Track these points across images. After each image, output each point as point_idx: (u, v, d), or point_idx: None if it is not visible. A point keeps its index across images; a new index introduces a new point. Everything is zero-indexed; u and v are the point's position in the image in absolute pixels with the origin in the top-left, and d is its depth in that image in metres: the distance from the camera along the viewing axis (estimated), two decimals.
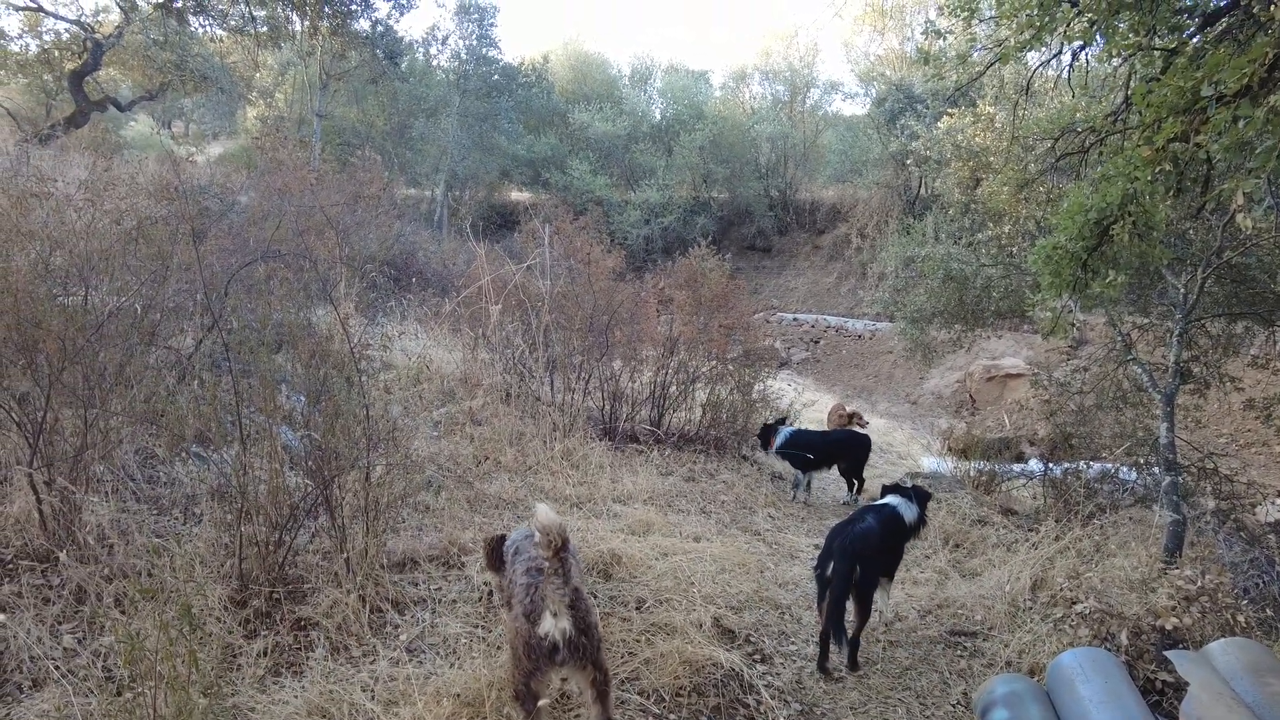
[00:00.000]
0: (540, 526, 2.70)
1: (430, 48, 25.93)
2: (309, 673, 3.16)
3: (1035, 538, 5.45)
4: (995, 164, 8.17)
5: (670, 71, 32.99)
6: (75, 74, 18.52)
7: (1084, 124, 5.82)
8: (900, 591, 5.09)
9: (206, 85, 20.47)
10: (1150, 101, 3.75)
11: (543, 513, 2.72)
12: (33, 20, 18.97)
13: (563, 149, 27.82)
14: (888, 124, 23.01)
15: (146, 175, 7.19)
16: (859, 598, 4.01)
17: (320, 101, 23.25)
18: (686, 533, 5.52)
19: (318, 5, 16.02)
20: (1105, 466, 7.03)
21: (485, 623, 3.80)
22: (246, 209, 8.72)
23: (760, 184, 27.76)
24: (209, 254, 5.51)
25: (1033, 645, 4.06)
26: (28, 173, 5.49)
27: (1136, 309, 7.36)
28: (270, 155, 9.54)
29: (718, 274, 8.40)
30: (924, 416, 15.56)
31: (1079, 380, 8.08)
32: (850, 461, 8.07)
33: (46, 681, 2.92)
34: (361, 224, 9.49)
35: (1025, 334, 16.45)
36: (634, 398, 7.97)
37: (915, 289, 10.10)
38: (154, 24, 17.94)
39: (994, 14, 5.15)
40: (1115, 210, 4.03)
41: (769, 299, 24.40)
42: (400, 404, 6.53)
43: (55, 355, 3.65)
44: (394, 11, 20.45)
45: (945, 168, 13.55)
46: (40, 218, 4.51)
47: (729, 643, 3.94)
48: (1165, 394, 5.71)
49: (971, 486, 8.09)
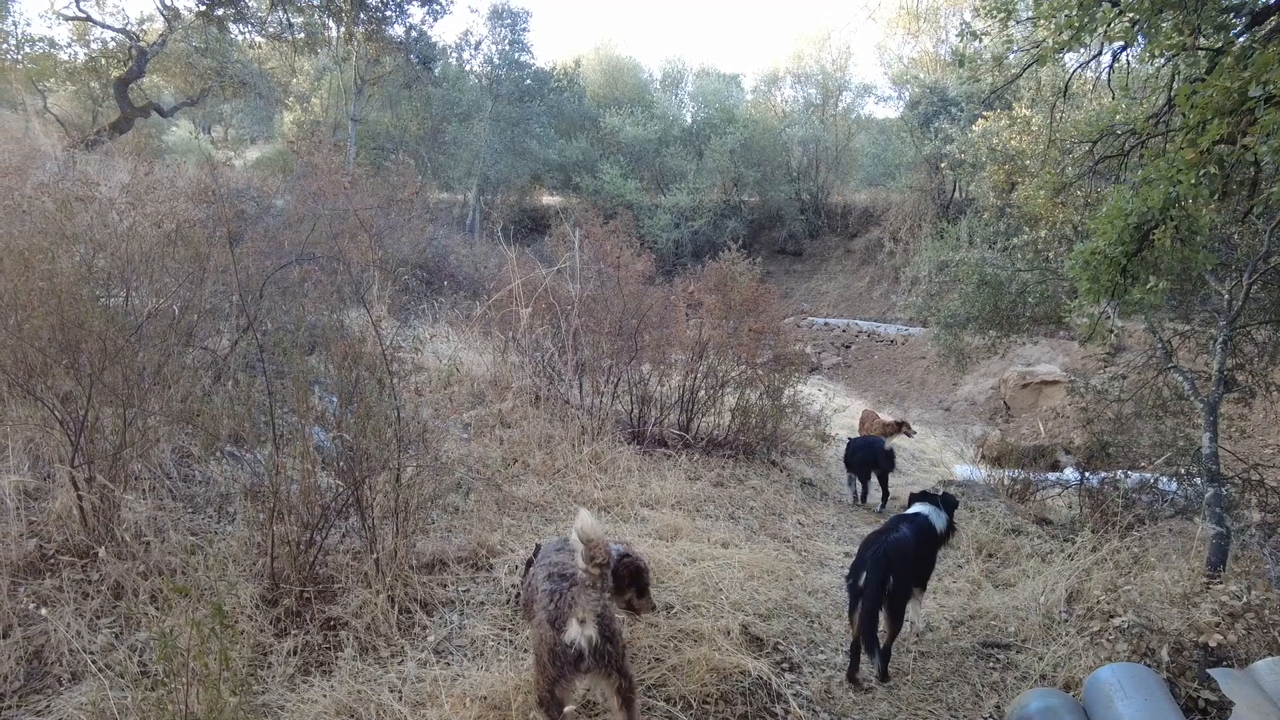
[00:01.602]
0: (583, 537, 2.69)
1: (463, 53, 26.26)
2: (338, 672, 3.19)
3: (1071, 548, 5.34)
4: (1031, 167, 8.05)
5: (702, 75, 32.99)
6: (121, 81, 19.01)
7: (1124, 126, 5.70)
8: (932, 601, 5.01)
9: (245, 91, 20.89)
10: (1195, 103, 3.66)
11: (585, 522, 2.70)
12: (81, 30, 19.52)
13: (593, 153, 27.92)
14: (921, 127, 22.75)
15: (186, 179, 7.34)
16: (891, 608, 3.95)
17: (355, 106, 23.59)
18: (715, 539, 5.48)
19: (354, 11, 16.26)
20: (1144, 476, 6.87)
21: (512, 625, 3.80)
22: (282, 212, 8.86)
23: (791, 187, 27.60)
24: (245, 256, 5.60)
25: (1068, 659, 3.97)
26: (74, 177, 5.62)
27: (1178, 315, 7.18)
28: (306, 159, 9.65)
29: (748, 278, 8.35)
30: (957, 423, 15.33)
31: (1117, 388, 7.90)
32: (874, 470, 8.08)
33: (85, 675, 2.98)
34: (395, 227, 9.58)
35: (1061, 340, 16.14)
36: (662, 402, 7.96)
37: (949, 294, 9.96)
38: (196, 31, 18.36)
39: (1031, 15, 5.07)
40: (1157, 214, 3.94)
41: (799, 303, 24.23)
42: (431, 406, 6.58)
43: (97, 355, 3.74)
44: (428, 17, 20.70)
45: (980, 171, 13.34)
46: (85, 221, 4.62)
47: (757, 650, 3.91)
48: (1208, 403, 5.56)
49: (1005, 495, 7.95)
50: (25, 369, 3.87)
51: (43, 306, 3.78)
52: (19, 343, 3.82)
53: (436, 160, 25.12)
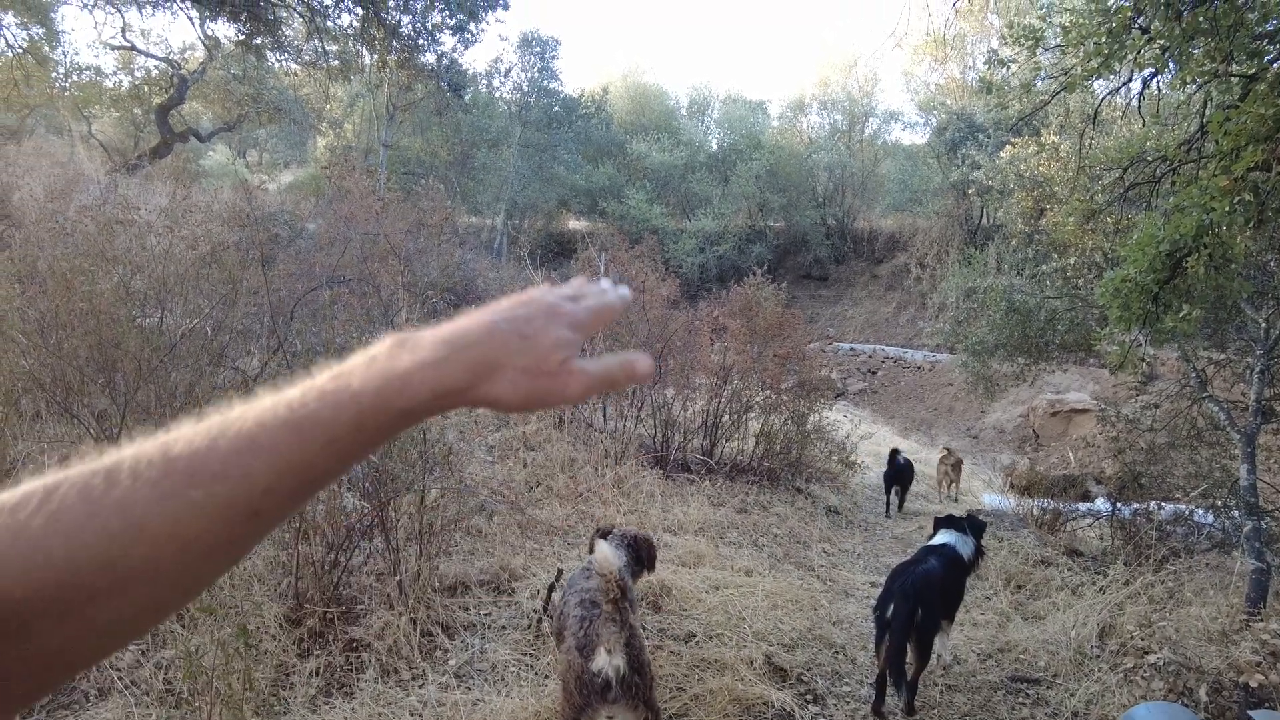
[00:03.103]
0: (598, 570, 2.68)
1: (493, 80, 26.66)
2: (359, 694, 3.19)
3: (1103, 581, 5.22)
4: (1060, 194, 7.98)
5: (728, 102, 33.25)
6: (162, 107, 19.60)
7: (1155, 153, 5.65)
8: (960, 633, 4.91)
9: (280, 116, 21.45)
10: (1228, 129, 3.62)
11: (601, 557, 2.69)
12: (126, 58, 20.20)
13: (620, 178, 28.18)
14: (948, 153, 22.71)
15: (221, 203, 7.51)
16: (919, 641, 3.87)
17: (387, 132, 24.05)
18: (738, 566, 5.43)
19: (387, 40, 16.61)
20: (1179, 508, 6.71)
21: (534, 650, 3.79)
22: (314, 235, 9.03)
23: (817, 212, 27.62)
24: (277, 279, 5.71)
25: (1101, 696, 3.87)
26: (115, 201, 5.78)
27: (1212, 344, 7.05)
28: (338, 184, 9.86)
29: (773, 302, 8.33)
30: (985, 451, 15.12)
31: (1149, 417, 7.75)
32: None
33: (111, 691, 3.01)
34: (424, 251, 9.72)
35: (1091, 368, 15.89)
36: (686, 426, 7.93)
37: (977, 320, 9.88)
38: (235, 59, 18.89)
39: (1059, 42, 5.06)
40: (1190, 241, 3.89)
41: (825, 328, 24.13)
42: (456, 428, 6.62)
43: (132, 374, 3.82)
44: (459, 45, 21.06)
45: (1008, 197, 13.28)
46: (124, 243, 4.74)
47: (780, 681, 3.85)
48: (1245, 433, 5.44)
49: (1035, 525, 7.80)
50: (63, 387, 3.96)
51: (82, 326, 3.88)
52: (58, 361, 3.91)
53: (466, 185, 25.50)
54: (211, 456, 0.47)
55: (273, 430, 0.49)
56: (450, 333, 0.54)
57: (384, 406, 0.51)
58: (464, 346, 0.53)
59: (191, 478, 0.47)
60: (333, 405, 0.50)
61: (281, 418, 0.49)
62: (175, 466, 0.47)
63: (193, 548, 0.47)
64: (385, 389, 0.51)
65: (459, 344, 0.53)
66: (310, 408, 0.50)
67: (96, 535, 0.44)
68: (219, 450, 0.48)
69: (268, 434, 0.49)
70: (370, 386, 0.51)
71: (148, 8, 16.32)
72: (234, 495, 0.47)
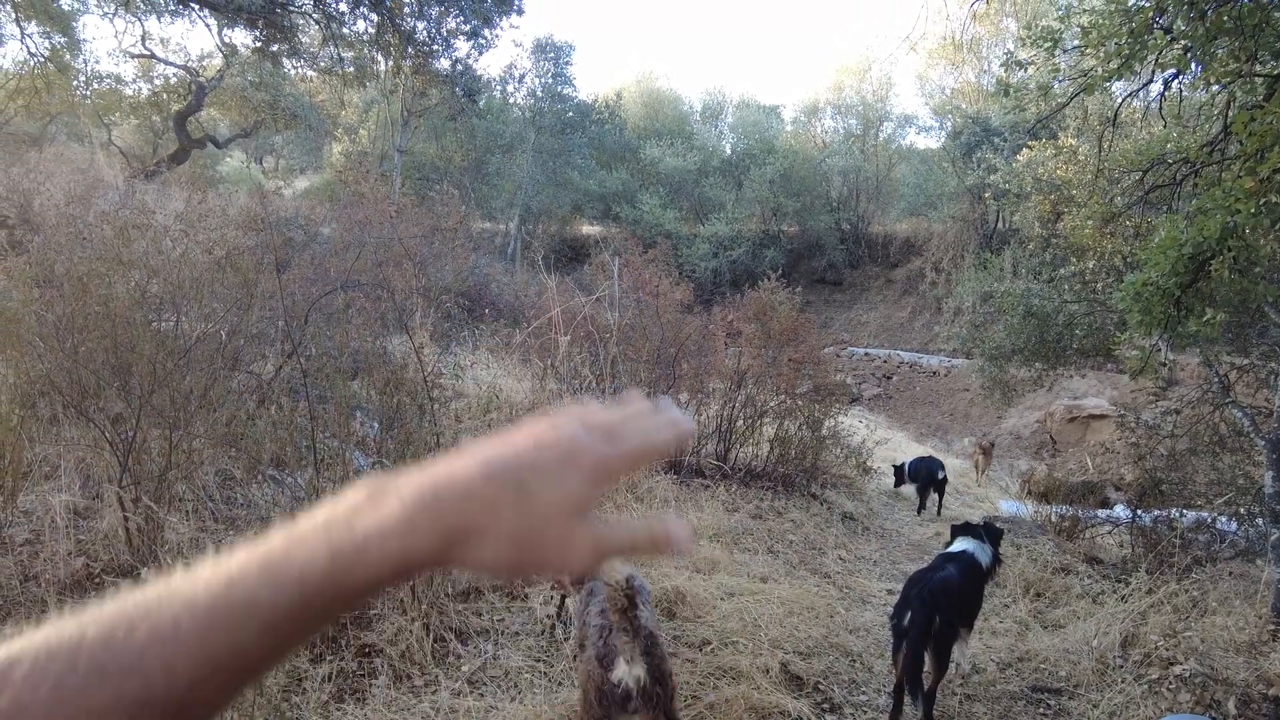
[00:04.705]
0: (604, 579, 2.65)
1: (508, 86, 26.80)
2: (371, 700, 3.17)
3: (1124, 589, 5.13)
4: (1079, 197, 7.89)
5: (741, 106, 33.22)
6: (180, 114, 19.82)
7: (1176, 155, 5.57)
8: (978, 642, 4.84)
9: (296, 122, 21.62)
10: (1253, 130, 3.56)
11: (607, 564, 2.66)
12: (146, 66, 20.47)
13: (633, 183, 28.20)
14: (964, 157, 22.58)
15: (237, 208, 7.55)
16: (937, 650, 3.81)
17: (401, 137, 24.19)
18: (753, 572, 5.38)
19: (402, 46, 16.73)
20: (1201, 515, 6.60)
21: (547, 656, 3.76)
22: (329, 240, 9.06)
23: (831, 217, 27.54)
24: (291, 283, 5.71)
25: (1125, 707, 3.80)
26: (133, 206, 5.81)
27: (1235, 349, 6.93)
28: (352, 189, 9.89)
29: (787, 307, 8.28)
30: (1002, 457, 14.96)
31: (1170, 423, 7.63)
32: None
33: None
34: (438, 256, 9.72)
35: (1109, 373, 15.73)
36: (700, 431, 7.89)
37: (993, 325, 9.80)
38: (251, 67, 19.06)
39: (1078, 44, 5.00)
40: (1213, 245, 3.82)
41: (839, 333, 24.01)
42: (471, 432, 6.61)
43: (147, 378, 3.83)
44: (474, 51, 21.17)
45: (1025, 201, 13.16)
46: (141, 248, 4.76)
47: (797, 690, 3.81)
48: (1270, 440, 5.34)
49: (1053, 532, 7.70)
50: (79, 390, 3.97)
51: (98, 330, 3.90)
52: (74, 365, 3.93)
53: (480, 190, 25.59)
54: (127, 647, 0.40)
55: (200, 615, 0.42)
56: (430, 485, 0.47)
57: (333, 585, 0.44)
58: (440, 506, 0.46)
59: (102, 675, 0.39)
60: (271, 585, 0.43)
61: (214, 596, 0.42)
62: (80, 660, 0.40)
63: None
64: (334, 567, 0.44)
65: (434, 503, 0.46)
66: (248, 586, 0.43)
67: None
68: (136, 640, 0.41)
69: (194, 619, 0.42)
70: (317, 563, 0.44)
71: (167, 16, 16.52)
72: (149, 694, 0.40)
